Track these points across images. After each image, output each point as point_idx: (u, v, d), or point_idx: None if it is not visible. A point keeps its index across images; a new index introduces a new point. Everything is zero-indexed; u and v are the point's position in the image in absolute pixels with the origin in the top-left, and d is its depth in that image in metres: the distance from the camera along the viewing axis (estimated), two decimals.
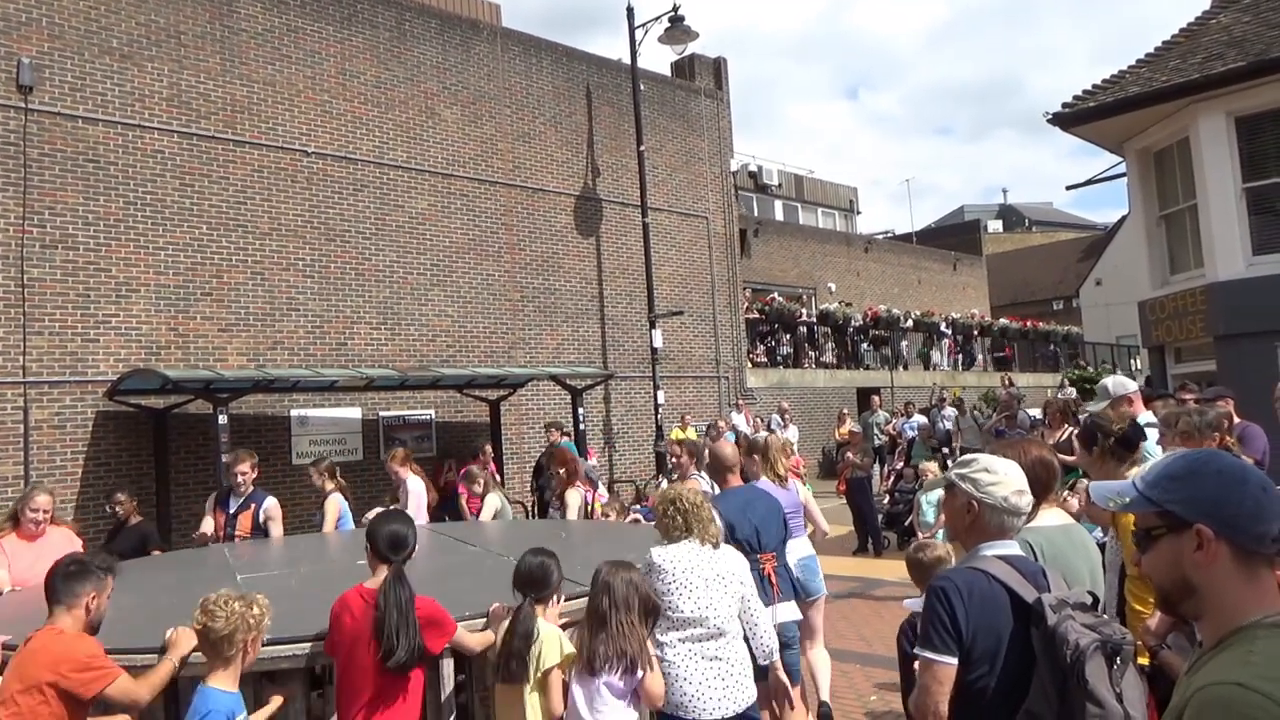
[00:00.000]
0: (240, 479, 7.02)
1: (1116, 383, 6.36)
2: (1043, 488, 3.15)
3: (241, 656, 3.31)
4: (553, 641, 3.55)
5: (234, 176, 12.24)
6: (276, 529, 7.03)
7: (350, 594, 3.62)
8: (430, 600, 3.66)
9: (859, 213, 37.48)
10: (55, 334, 10.74)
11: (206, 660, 3.31)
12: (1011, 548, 2.64)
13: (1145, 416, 5.64)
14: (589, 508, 8.31)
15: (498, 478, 8.27)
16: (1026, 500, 2.66)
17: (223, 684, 3.28)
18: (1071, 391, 15.21)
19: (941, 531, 9.46)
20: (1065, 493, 5.29)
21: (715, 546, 4.01)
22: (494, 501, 8.22)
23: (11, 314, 10.45)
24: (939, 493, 9.96)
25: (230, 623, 3.26)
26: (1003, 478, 2.64)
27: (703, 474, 7.35)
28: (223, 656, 3.28)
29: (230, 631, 3.26)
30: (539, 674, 3.51)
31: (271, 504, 7.08)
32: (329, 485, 7.78)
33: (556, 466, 8.39)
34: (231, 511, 7.04)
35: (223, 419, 10.33)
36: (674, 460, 8.27)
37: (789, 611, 5.00)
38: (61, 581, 3.38)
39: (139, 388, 10.95)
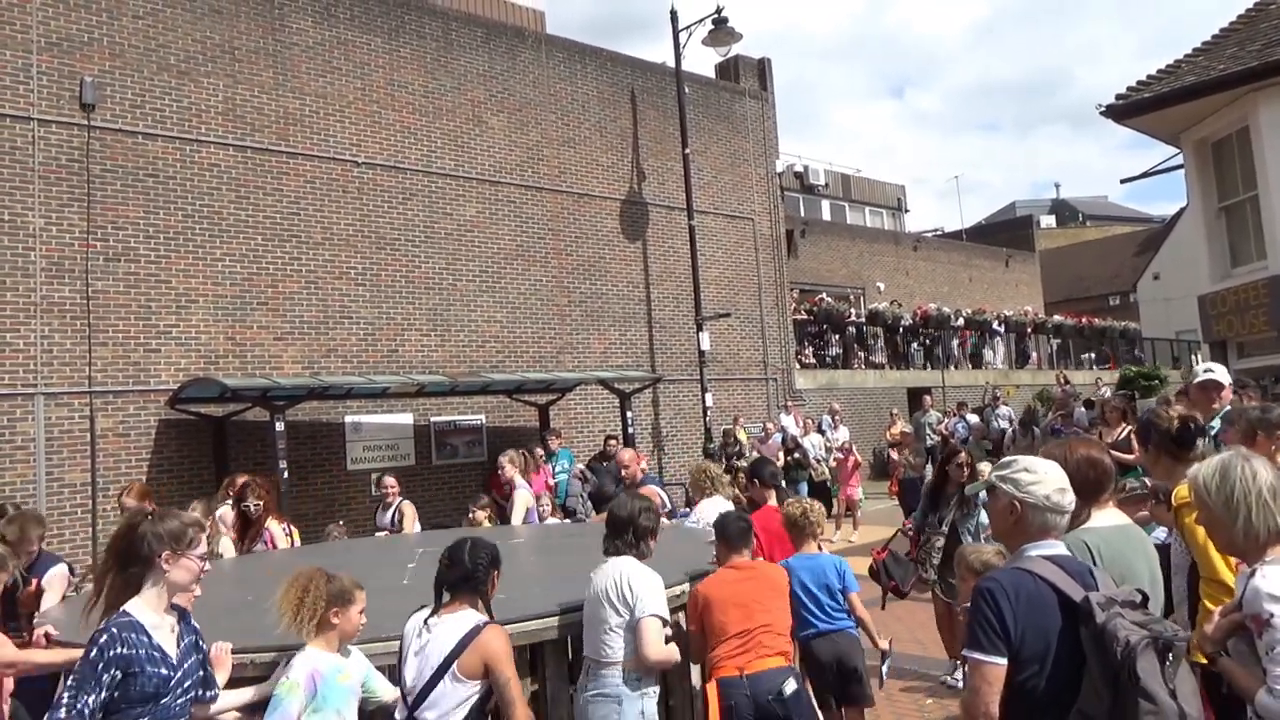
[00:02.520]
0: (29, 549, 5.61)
1: (1206, 369, 5.99)
2: (1093, 487, 3.08)
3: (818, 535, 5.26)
4: None
5: (287, 188, 12.50)
6: (52, 597, 5.49)
7: (765, 511, 5.50)
8: None
9: (907, 211, 37.05)
10: (119, 345, 11.06)
11: (795, 541, 5.16)
12: (1057, 548, 2.61)
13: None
14: (289, 538, 7.39)
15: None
16: (1069, 499, 2.63)
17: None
18: (1106, 391, 14.86)
19: None
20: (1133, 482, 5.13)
21: (730, 501, 6.15)
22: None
23: (77, 326, 10.78)
24: None
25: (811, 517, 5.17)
26: (1043, 476, 2.63)
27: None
28: (808, 535, 5.13)
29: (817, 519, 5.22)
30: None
31: (54, 573, 5.61)
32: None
33: (254, 499, 7.13)
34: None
35: (280, 426, 10.55)
36: None
37: None
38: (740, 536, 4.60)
39: (199, 396, 11.24)
